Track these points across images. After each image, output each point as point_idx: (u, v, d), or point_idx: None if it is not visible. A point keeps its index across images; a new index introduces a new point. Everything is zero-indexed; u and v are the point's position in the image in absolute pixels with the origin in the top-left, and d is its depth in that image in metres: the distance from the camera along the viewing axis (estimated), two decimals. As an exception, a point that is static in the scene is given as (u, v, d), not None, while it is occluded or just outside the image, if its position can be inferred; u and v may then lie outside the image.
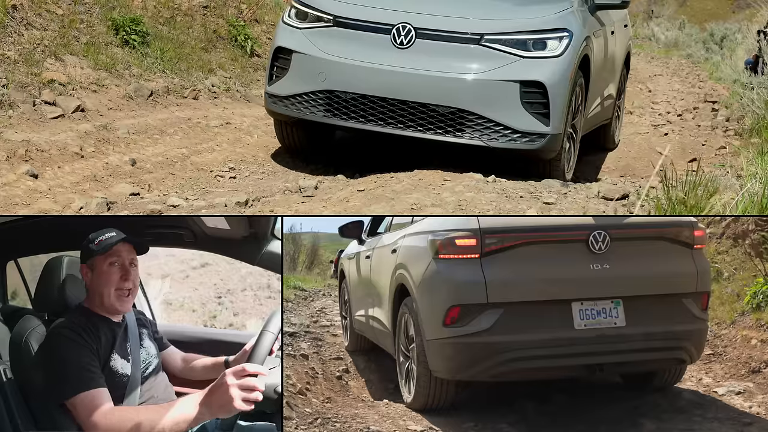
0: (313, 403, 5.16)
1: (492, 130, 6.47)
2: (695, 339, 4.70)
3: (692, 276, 4.66)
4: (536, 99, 6.51)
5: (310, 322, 8.64)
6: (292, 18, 7.01)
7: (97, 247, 3.59)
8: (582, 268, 4.44)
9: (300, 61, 6.81)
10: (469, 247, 4.42)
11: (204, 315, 7.61)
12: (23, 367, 3.49)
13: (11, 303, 4.48)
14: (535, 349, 4.36)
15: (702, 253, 4.78)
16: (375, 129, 6.62)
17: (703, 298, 4.73)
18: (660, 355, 4.64)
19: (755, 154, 7.29)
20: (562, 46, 6.61)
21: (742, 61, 16.97)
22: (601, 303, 4.44)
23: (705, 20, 34.34)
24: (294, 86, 6.83)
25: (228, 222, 4.68)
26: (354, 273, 6.91)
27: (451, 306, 4.39)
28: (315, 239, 19.71)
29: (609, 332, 4.42)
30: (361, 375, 6.17)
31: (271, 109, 7.08)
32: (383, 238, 5.86)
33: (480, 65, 6.50)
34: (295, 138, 7.41)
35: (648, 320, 4.50)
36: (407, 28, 6.57)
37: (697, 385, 5.45)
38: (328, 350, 7.04)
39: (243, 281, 7.63)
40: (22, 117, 7.45)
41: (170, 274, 7.51)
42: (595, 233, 4.47)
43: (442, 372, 4.56)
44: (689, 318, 4.63)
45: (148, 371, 3.77)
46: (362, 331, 6.58)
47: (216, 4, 11.88)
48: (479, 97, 6.45)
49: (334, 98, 6.68)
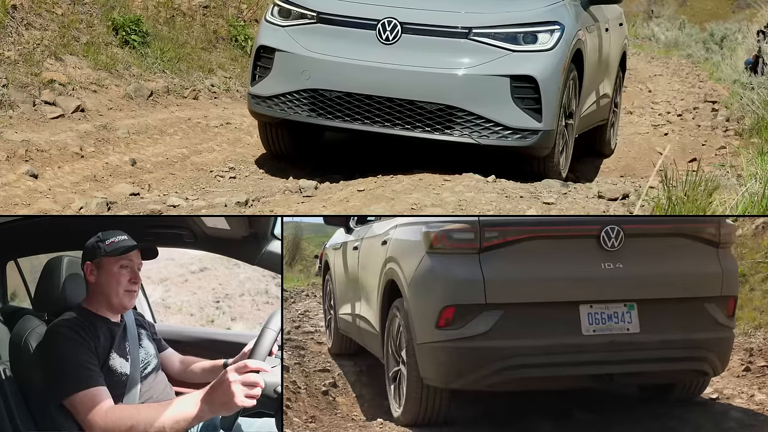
0: (295, 424, 4.60)
1: (482, 126, 6.29)
2: (719, 349, 4.27)
3: (717, 278, 4.24)
4: (527, 94, 6.33)
5: (291, 328, 8.08)
6: (275, 16, 6.81)
7: (108, 248, 3.59)
8: (592, 266, 4.06)
9: (283, 59, 6.61)
10: (467, 241, 4.05)
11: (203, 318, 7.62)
12: (23, 367, 3.49)
13: (11, 303, 4.48)
14: (538, 356, 3.98)
15: (729, 253, 4.37)
16: (361, 128, 6.43)
17: (729, 302, 4.30)
18: (678, 365, 4.22)
19: (755, 154, 7.28)
20: (553, 40, 6.44)
21: (742, 61, 16.99)
22: (612, 306, 4.07)
23: (705, 20, 34.33)
24: (277, 86, 6.62)
25: (228, 222, 4.68)
26: (340, 266, 6.48)
27: (445, 306, 4.01)
28: (297, 231, 18.06)
29: (621, 339, 4.03)
30: (351, 389, 5.60)
31: (254, 110, 6.86)
32: (373, 227, 5.44)
33: (469, 60, 6.33)
34: (280, 141, 7.15)
35: (665, 326, 4.10)
36: (393, 23, 6.39)
37: (749, 402, 4.87)
38: (312, 361, 6.47)
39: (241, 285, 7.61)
40: (22, 117, 7.45)
41: (169, 276, 7.53)
42: (608, 228, 4.08)
43: (434, 380, 4.15)
44: (712, 325, 4.21)
45: (147, 371, 3.77)
46: (348, 331, 6.16)
47: (216, 4, 11.88)
48: (468, 93, 6.27)
49: (318, 97, 6.48)
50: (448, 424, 4.39)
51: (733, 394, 4.98)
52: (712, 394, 5.03)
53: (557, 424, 4.40)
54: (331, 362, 6.46)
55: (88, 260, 3.63)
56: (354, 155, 7.72)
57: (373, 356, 5.46)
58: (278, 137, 7.12)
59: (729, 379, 5.36)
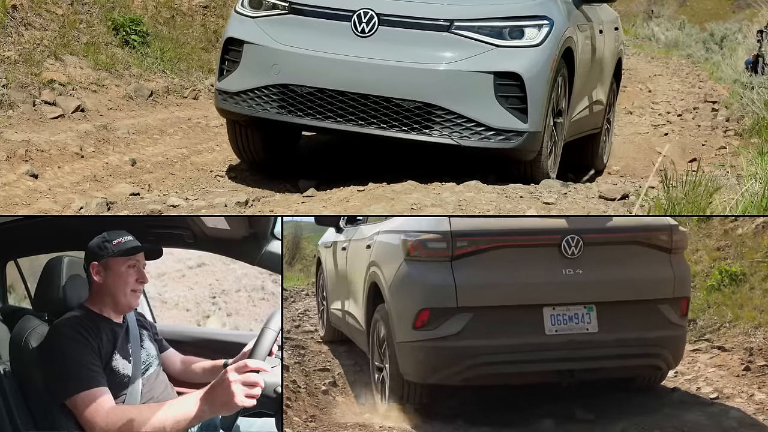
0: (295, 423, 4.64)
1: (463, 126, 5.92)
2: (672, 346, 4.61)
3: (669, 281, 4.56)
4: (512, 92, 5.96)
5: (291, 327, 7.97)
6: (245, 7, 6.36)
7: (116, 248, 3.59)
8: (554, 272, 4.37)
9: (251, 52, 6.16)
10: (440, 250, 4.34)
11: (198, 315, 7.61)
12: (23, 367, 3.49)
13: (11, 303, 4.48)
14: (505, 354, 4.30)
15: (682, 258, 4.68)
16: (333, 126, 6.03)
17: (682, 303, 4.63)
18: (634, 361, 4.55)
19: (755, 154, 7.29)
20: (541, 35, 6.06)
21: (742, 61, 16.98)
22: (573, 308, 4.38)
23: (705, 20, 34.34)
24: (245, 81, 6.18)
25: (228, 222, 4.68)
26: (330, 264, 6.59)
27: (421, 309, 4.32)
28: (297, 231, 18.09)
29: (580, 338, 4.35)
30: (351, 389, 5.55)
31: (221, 107, 6.39)
32: (361, 230, 5.59)
33: (450, 55, 5.95)
34: (251, 144, 6.70)
35: (621, 326, 4.41)
36: (369, 14, 5.99)
37: (748, 401, 4.89)
38: (312, 360, 6.41)
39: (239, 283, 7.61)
40: (22, 117, 7.46)
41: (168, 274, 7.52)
42: (568, 238, 4.38)
43: (412, 375, 4.47)
44: (666, 324, 4.53)
45: (149, 372, 3.77)
46: (338, 325, 6.38)
47: (216, 4, 11.89)
48: (449, 90, 5.89)
49: (288, 93, 6.06)
50: (449, 423, 4.56)
51: (733, 394, 5.00)
52: (712, 393, 5.03)
53: (557, 424, 4.46)
54: (331, 362, 6.44)
55: (95, 260, 3.62)
56: (354, 155, 7.72)
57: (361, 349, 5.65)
58: (248, 139, 6.71)
59: (729, 378, 5.35)
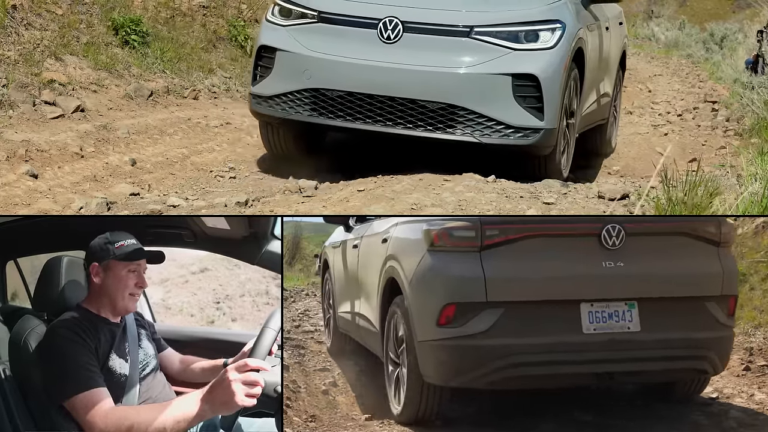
0: (295, 423, 4.59)
1: (484, 125, 6.33)
2: (719, 348, 4.27)
3: (717, 277, 4.23)
4: (529, 93, 6.36)
5: (291, 327, 8.03)
6: (276, 16, 6.85)
7: (118, 251, 3.58)
8: (593, 265, 4.04)
9: (284, 59, 6.64)
10: (468, 239, 4.04)
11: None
12: (23, 367, 3.49)
13: (11, 303, 4.48)
14: (538, 355, 3.97)
15: (730, 252, 4.37)
16: (363, 127, 6.45)
17: (730, 302, 4.30)
18: (678, 364, 4.22)
19: (755, 154, 7.28)
20: (555, 38, 6.48)
21: (742, 61, 16.96)
22: (613, 305, 4.06)
23: (705, 20, 34.32)
24: (278, 85, 6.65)
25: (228, 222, 4.67)
26: (339, 264, 6.47)
27: (446, 304, 4.00)
28: (297, 231, 18.01)
29: (621, 337, 4.03)
30: (351, 389, 5.54)
31: (255, 110, 6.88)
32: (373, 225, 5.41)
33: (470, 59, 6.36)
34: (281, 141, 7.15)
35: (666, 325, 4.09)
36: (394, 22, 6.41)
37: (748, 401, 4.84)
38: (312, 360, 6.48)
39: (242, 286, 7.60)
40: (22, 117, 7.45)
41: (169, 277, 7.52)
42: (609, 227, 4.06)
43: (434, 377, 4.14)
44: (713, 324, 4.21)
45: (146, 372, 3.77)
46: (347, 330, 6.15)
47: (216, 4, 11.89)
48: (470, 92, 6.30)
49: (319, 96, 6.51)
50: (448, 424, 4.39)
51: (733, 394, 4.96)
52: (712, 393, 5.02)
53: (557, 424, 4.40)
54: (330, 362, 6.45)
55: (95, 261, 3.61)
56: (354, 155, 7.72)
57: (373, 355, 5.45)
58: (280, 137, 7.12)
59: (729, 378, 5.35)
